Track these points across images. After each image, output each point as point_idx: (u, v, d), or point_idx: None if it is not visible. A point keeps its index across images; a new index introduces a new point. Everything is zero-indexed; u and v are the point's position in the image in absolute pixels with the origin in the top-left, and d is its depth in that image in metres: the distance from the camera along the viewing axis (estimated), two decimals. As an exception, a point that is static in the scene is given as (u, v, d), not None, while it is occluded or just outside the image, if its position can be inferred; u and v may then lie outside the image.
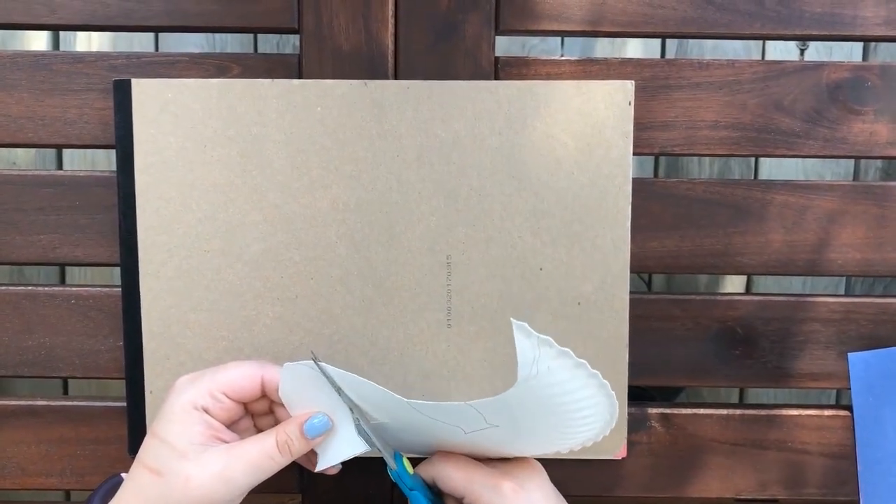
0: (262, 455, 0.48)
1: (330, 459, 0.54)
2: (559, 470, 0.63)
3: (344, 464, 0.64)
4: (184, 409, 0.48)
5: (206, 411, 0.49)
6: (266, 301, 0.61)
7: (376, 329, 0.62)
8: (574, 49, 1.03)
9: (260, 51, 0.98)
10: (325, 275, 0.61)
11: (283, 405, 0.54)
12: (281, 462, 0.49)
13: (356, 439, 0.53)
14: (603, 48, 1.03)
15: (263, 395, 0.54)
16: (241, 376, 0.51)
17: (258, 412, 0.55)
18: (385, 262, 0.61)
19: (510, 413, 0.51)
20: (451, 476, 0.53)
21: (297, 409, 0.53)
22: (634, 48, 1.03)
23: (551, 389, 0.49)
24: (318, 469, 0.54)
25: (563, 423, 0.52)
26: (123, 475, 0.52)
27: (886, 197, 0.64)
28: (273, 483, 0.64)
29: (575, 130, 0.61)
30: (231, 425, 0.53)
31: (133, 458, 0.62)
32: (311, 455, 0.55)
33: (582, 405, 0.51)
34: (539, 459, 0.59)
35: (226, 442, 0.50)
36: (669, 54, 1.01)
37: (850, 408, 0.65)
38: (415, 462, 0.57)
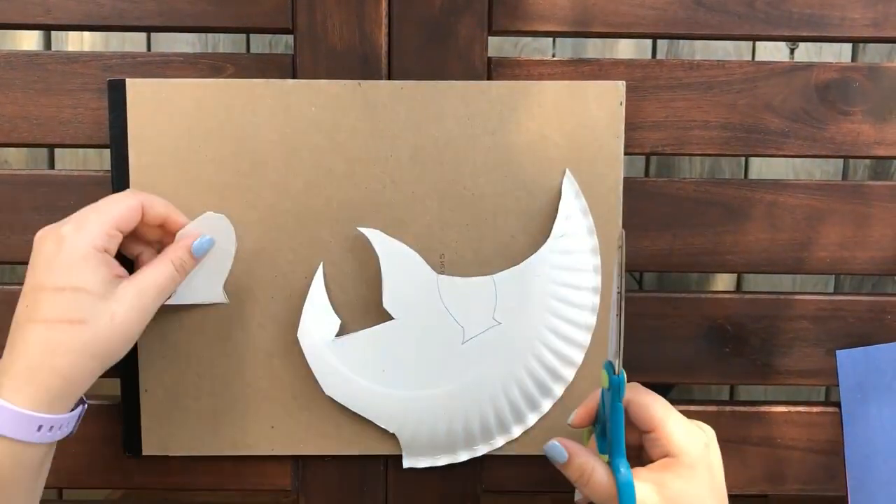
0: (166, 279, 0.52)
1: (181, 298, 0.58)
2: (548, 467, 0.63)
3: (341, 463, 0.65)
4: (88, 254, 0.49)
5: (107, 251, 0.50)
6: (260, 300, 0.62)
7: (371, 324, 0.62)
8: (565, 49, 1.04)
9: (253, 51, 0.98)
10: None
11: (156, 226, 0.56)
12: (179, 281, 0.54)
13: (218, 292, 0.59)
14: (594, 48, 1.04)
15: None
16: (128, 209, 0.52)
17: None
18: (379, 262, 0.61)
19: (521, 292, 0.56)
20: (651, 406, 0.51)
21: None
22: (625, 48, 1.03)
23: (568, 258, 0.56)
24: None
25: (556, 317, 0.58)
26: None
27: (874, 196, 0.64)
28: (269, 480, 0.65)
29: (567, 130, 0.61)
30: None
31: (128, 457, 0.63)
32: None
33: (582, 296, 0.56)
34: (528, 456, 0.59)
35: (122, 276, 0.52)
36: (660, 55, 1.01)
37: (838, 404, 0.66)
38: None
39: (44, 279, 0.49)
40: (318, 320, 0.60)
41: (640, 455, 0.54)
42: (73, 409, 0.51)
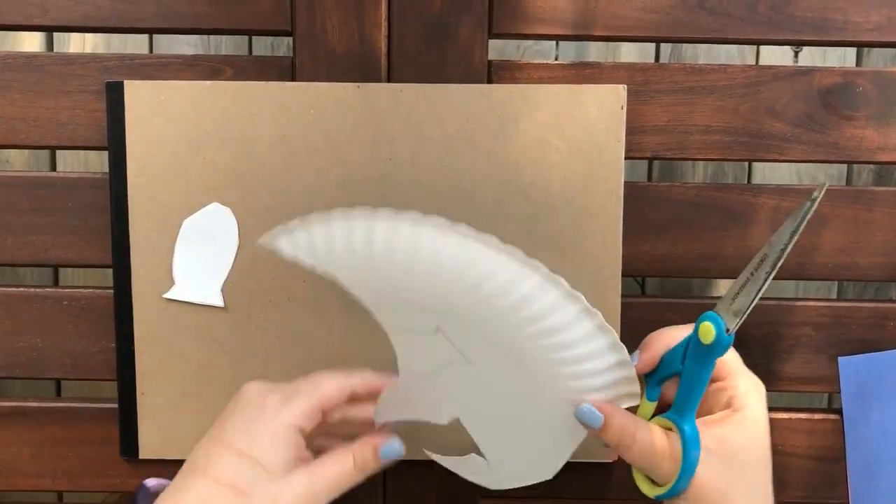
0: (341, 476, 0.48)
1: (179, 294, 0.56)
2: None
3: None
4: (285, 430, 0.47)
5: (302, 431, 0.47)
6: (259, 303, 0.61)
7: (369, 332, 0.62)
8: (568, 52, 1.03)
9: (254, 53, 0.98)
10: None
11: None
12: (357, 480, 0.49)
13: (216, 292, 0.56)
14: (597, 51, 1.03)
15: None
16: (338, 389, 0.49)
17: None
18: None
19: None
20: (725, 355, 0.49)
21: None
22: (628, 52, 1.03)
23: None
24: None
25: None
26: (151, 483, 0.50)
27: (876, 201, 0.64)
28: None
29: (567, 134, 0.61)
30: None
31: (125, 460, 0.63)
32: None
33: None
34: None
35: (304, 459, 0.48)
36: (663, 58, 1.01)
37: (840, 411, 0.65)
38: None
39: (232, 437, 0.47)
40: None
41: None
42: None
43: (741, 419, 0.48)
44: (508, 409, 0.51)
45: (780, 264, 0.44)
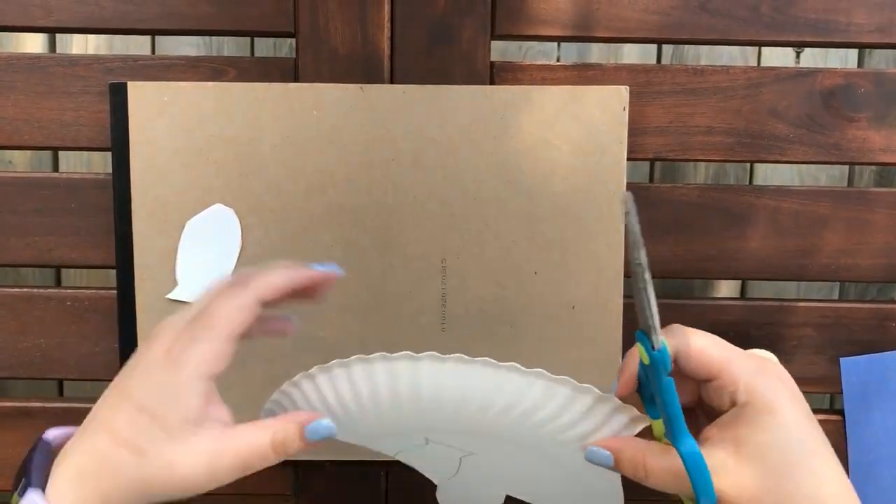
0: (253, 452, 0.42)
1: (180, 294, 0.52)
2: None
3: (340, 469, 0.64)
4: (188, 382, 0.41)
5: (212, 378, 0.43)
6: (261, 304, 0.61)
7: (371, 332, 0.62)
8: (571, 53, 1.03)
9: (257, 54, 0.98)
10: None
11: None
12: (272, 461, 0.43)
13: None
14: (600, 52, 1.03)
15: None
16: (238, 310, 0.43)
17: None
18: (380, 266, 0.61)
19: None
20: (708, 350, 0.43)
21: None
22: (631, 53, 1.03)
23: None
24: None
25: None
26: (51, 434, 0.44)
27: (878, 203, 0.64)
28: (267, 485, 0.65)
29: (569, 135, 0.61)
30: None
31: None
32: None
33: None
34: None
35: (218, 418, 0.44)
36: (666, 60, 1.01)
37: (842, 412, 0.65)
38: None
39: (134, 389, 0.42)
40: None
41: (696, 412, 0.46)
42: None
43: (753, 413, 0.41)
44: (531, 473, 0.50)
45: (648, 278, 0.40)
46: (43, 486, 0.40)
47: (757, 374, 0.42)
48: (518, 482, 0.53)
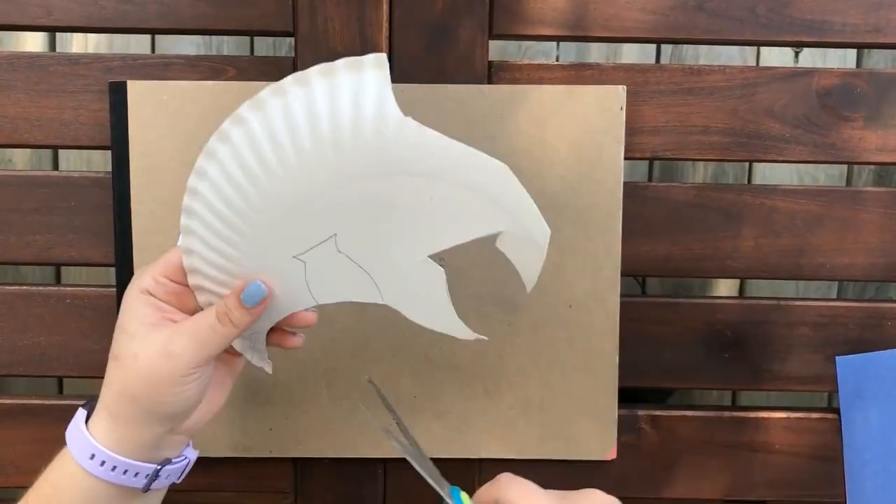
0: (202, 327, 0.49)
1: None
2: (548, 470, 0.63)
3: (339, 465, 0.65)
4: (131, 295, 0.50)
5: (150, 293, 0.50)
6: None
7: (369, 328, 0.62)
8: (570, 53, 1.04)
9: (257, 53, 0.98)
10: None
11: None
12: (224, 332, 0.49)
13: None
14: (598, 52, 1.03)
15: None
16: (178, 258, 0.51)
17: None
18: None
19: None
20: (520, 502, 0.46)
21: None
22: (629, 53, 1.03)
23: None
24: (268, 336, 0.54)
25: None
26: None
27: (875, 202, 0.64)
28: (266, 483, 0.65)
29: (567, 135, 0.61)
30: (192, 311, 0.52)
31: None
32: (284, 336, 0.54)
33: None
34: (526, 461, 0.59)
35: (170, 320, 0.50)
36: (664, 59, 1.01)
37: (838, 411, 0.65)
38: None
39: (118, 319, 0.50)
40: None
41: None
42: (144, 461, 0.49)
43: None
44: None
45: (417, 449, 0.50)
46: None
47: None
48: (440, 227, 0.51)
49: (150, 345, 0.48)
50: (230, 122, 0.48)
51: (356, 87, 0.47)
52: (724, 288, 1.08)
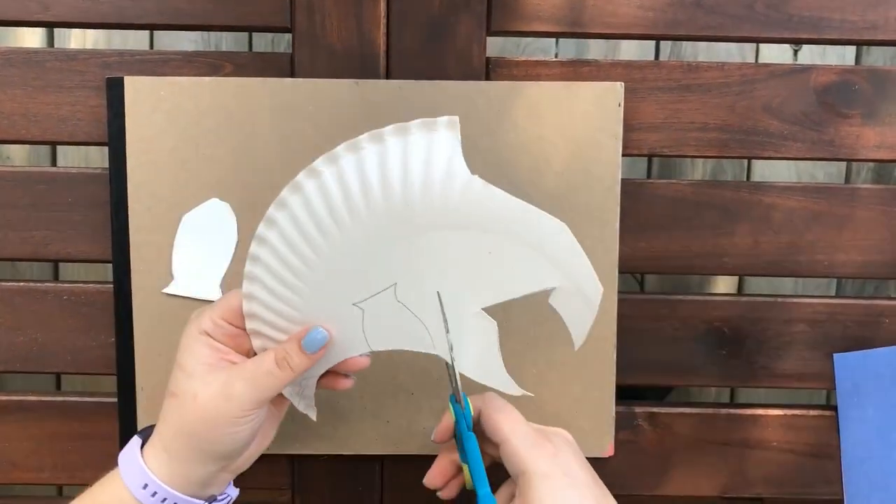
0: (260, 371, 0.50)
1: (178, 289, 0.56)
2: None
3: (336, 462, 0.65)
4: (191, 336, 0.51)
5: (209, 335, 0.51)
6: (257, 298, 0.62)
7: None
8: (569, 49, 1.04)
9: (255, 49, 0.98)
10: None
11: None
12: (281, 377, 0.50)
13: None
14: (597, 49, 1.03)
15: None
16: (238, 302, 0.52)
17: None
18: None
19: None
20: (498, 420, 0.51)
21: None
22: (628, 49, 1.03)
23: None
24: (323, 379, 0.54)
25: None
26: None
27: (873, 199, 0.64)
28: (265, 479, 0.65)
29: (565, 131, 0.61)
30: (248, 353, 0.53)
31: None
32: (336, 378, 0.55)
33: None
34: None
35: (228, 360, 0.52)
36: (663, 56, 1.01)
37: (836, 408, 0.65)
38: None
39: (177, 357, 0.52)
40: None
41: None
42: (193, 496, 0.51)
43: (533, 478, 0.49)
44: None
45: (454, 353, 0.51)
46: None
47: (534, 448, 0.50)
48: (496, 281, 0.52)
49: (209, 386, 0.49)
50: (304, 174, 0.49)
51: (428, 146, 0.48)
52: (723, 285, 1.08)
